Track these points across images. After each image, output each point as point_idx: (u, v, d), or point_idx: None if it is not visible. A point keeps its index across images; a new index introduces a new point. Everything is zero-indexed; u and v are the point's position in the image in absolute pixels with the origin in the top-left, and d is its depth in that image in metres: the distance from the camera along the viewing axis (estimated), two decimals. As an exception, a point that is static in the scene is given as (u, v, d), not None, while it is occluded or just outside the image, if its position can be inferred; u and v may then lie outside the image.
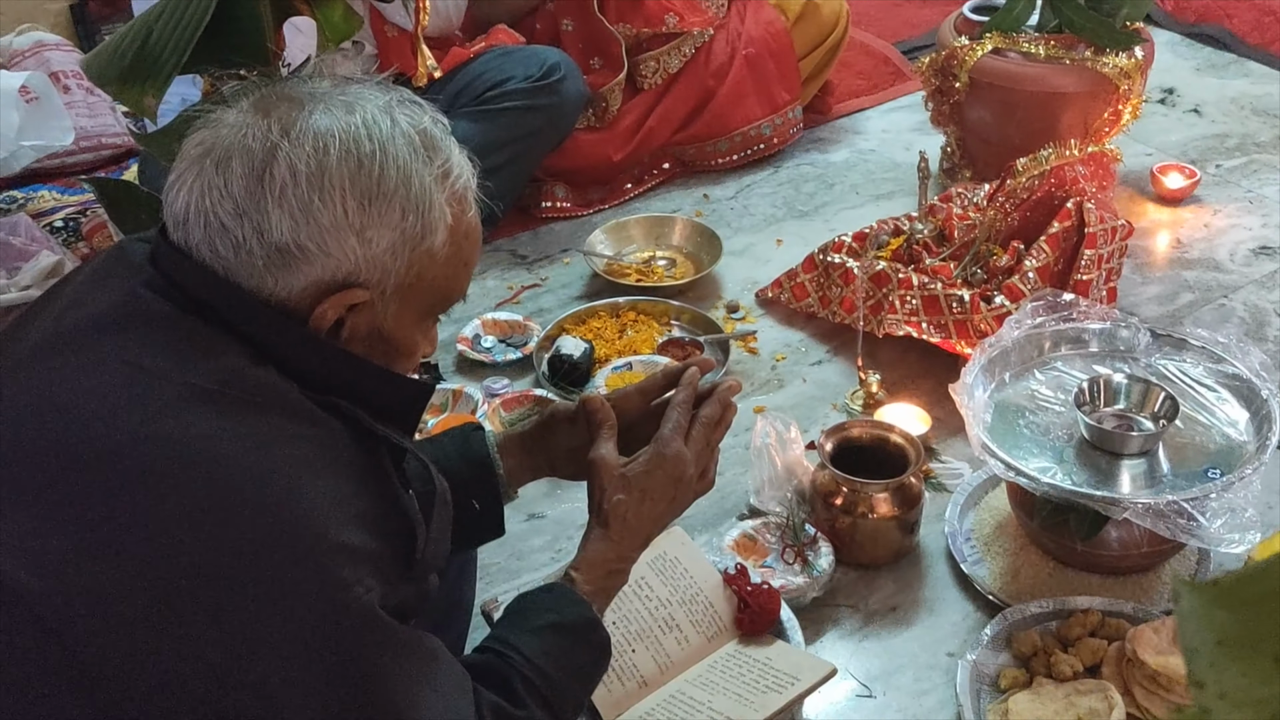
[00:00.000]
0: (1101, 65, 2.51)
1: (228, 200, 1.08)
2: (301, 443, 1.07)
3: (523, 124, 2.60)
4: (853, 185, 2.89)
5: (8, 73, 2.82)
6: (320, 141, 1.09)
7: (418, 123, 1.16)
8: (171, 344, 1.08)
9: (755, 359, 2.35)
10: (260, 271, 1.09)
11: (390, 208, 1.11)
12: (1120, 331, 1.87)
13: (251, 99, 1.14)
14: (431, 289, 1.17)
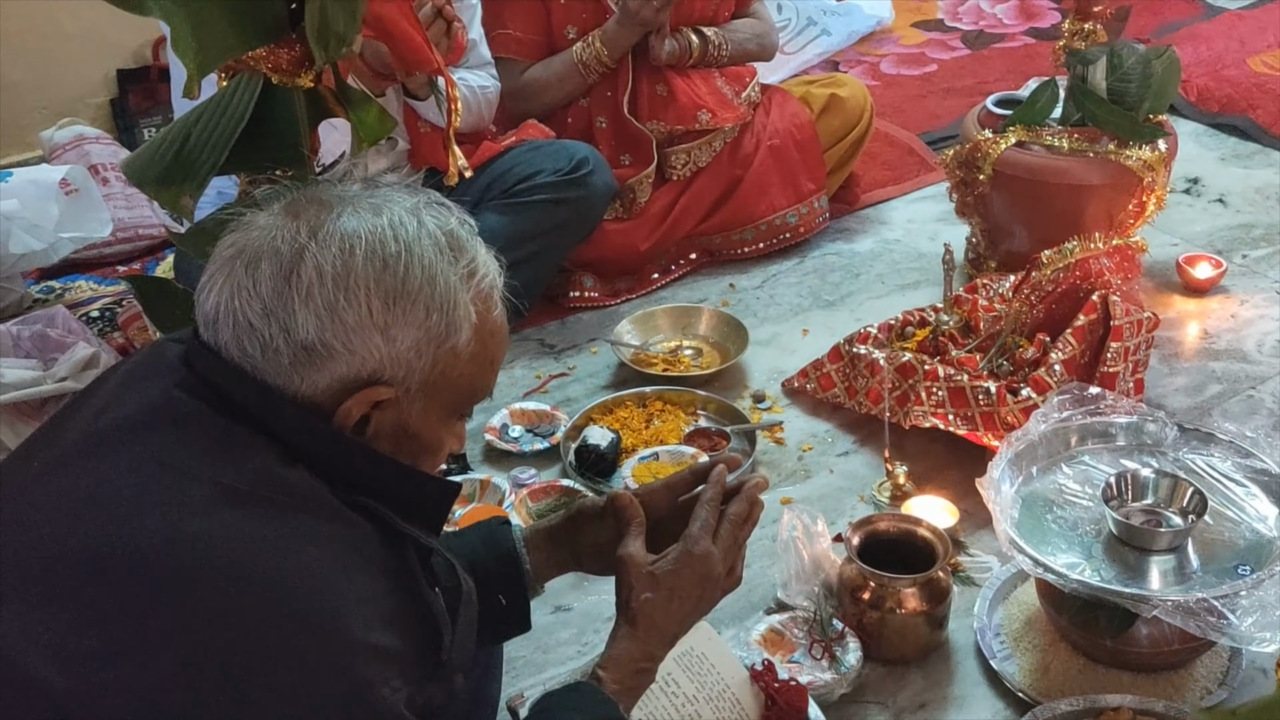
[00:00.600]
0: (1125, 158, 2.53)
1: (256, 300, 1.10)
2: (330, 543, 1.08)
3: (551, 217, 2.64)
4: (878, 275, 2.91)
5: (49, 166, 2.89)
6: (346, 243, 1.12)
7: (444, 224, 1.18)
8: (204, 444, 1.10)
9: (782, 449, 2.35)
10: (287, 370, 1.11)
11: (415, 307, 1.13)
12: (1147, 425, 1.87)
13: (283, 202, 1.17)
14: (456, 387, 1.19)
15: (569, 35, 2.84)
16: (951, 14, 4.43)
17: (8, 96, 3.34)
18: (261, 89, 1.53)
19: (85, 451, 1.11)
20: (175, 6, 1.36)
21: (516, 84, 2.84)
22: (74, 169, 2.82)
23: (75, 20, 3.27)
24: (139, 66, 3.48)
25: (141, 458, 1.09)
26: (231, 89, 1.52)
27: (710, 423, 2.40)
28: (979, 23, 4.36)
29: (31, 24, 3.29)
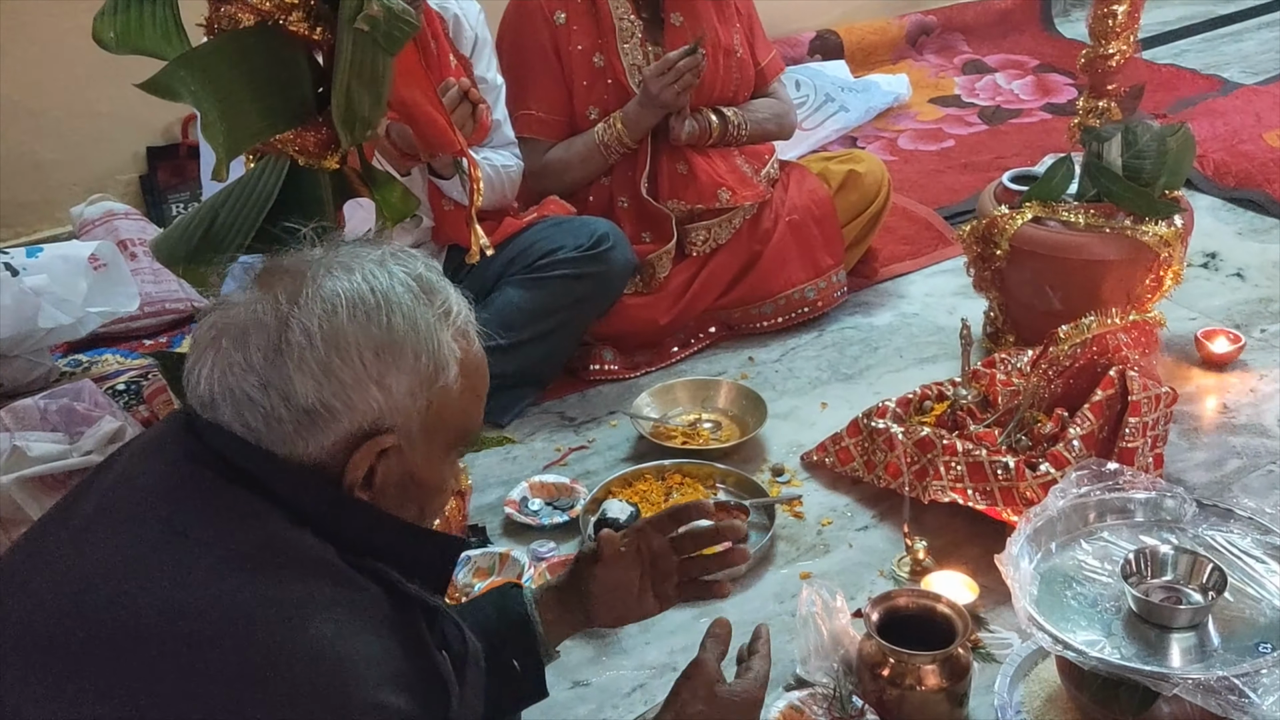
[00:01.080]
0: (1141, 233, 2.55)
1: (251, 374, 1.13)
2: (337, 606, 1.09)
3: (572, 291, 2.67)
4: (897, 348, 2.92)
5: (79, 242, 2.94)
6: (328, 303, 1.15)
7: (413, 270, 1.22)
8: (212, 512, 1.12)
9: (801, 523, 2.35)
10: (292, 436, 1.14)
11: (403, 352, 1.16)
12: (1166, 501, 1.87)
13: (253, 277, 1.20)
14: (452, 424, 1.23)
15: (591, 116, 2.89)
16: (968, 90, 4.49)
17: (41, 173, 3.40)
18: (288, 170, 1.58)
19: (98, 522, 1.14)
20: (206, 93, 1.40)
21: (539, 163, 2.89)
22: (103, 244, 2.87)
23: (107, 99, 3.33)
24: (168, 144, 3.54)
25: (151, 526, 1.11)
26: (259, 170, 1.56)
27: (729, 496, 2.41)
28: (995, 98, 4.41)
29: (64, 103, 3.36)
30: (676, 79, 2.73)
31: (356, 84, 1.52)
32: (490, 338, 2.69)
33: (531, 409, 2.74)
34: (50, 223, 3.43)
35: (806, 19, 4.63)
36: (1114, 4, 2.44)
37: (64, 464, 2.10)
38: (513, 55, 2.89)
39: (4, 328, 2.65)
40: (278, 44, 1.49)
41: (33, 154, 3.38)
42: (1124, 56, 2.49)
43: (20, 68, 3.28)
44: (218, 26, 1.48)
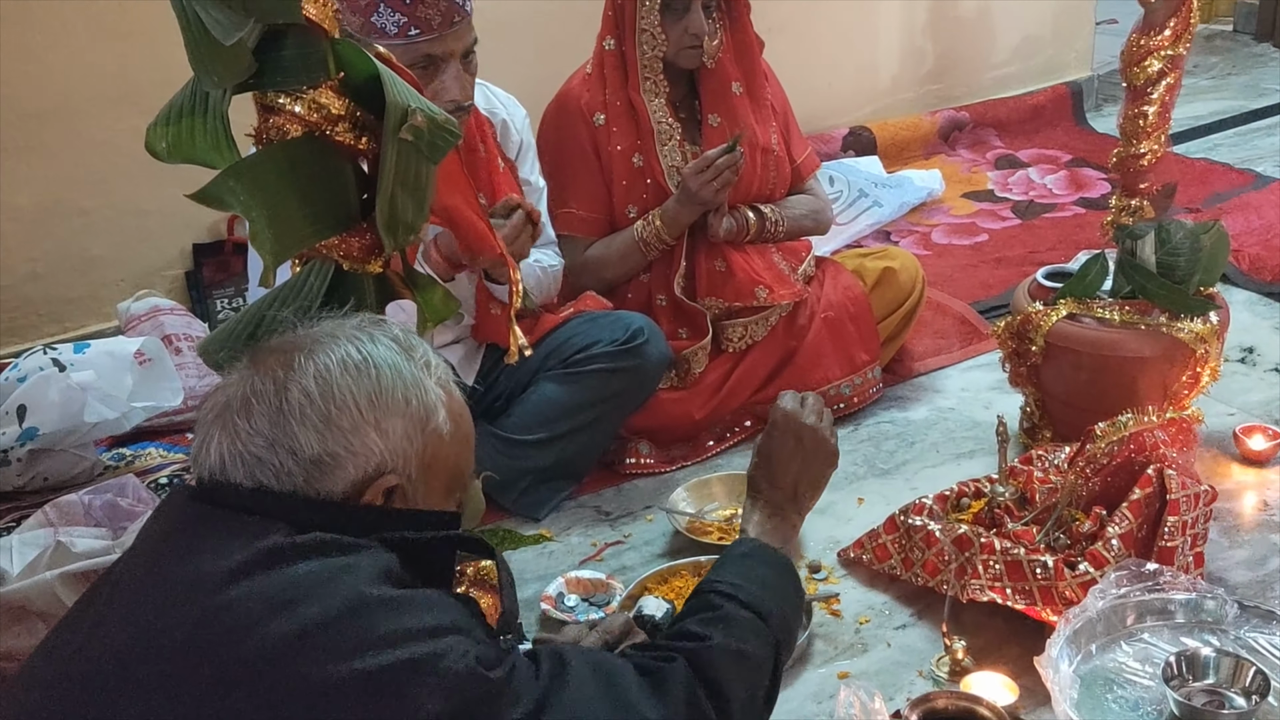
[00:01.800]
0: (1177, 330, 2.55)
1: (257, 437, 1.23)
2: (358, 569, 1.18)
3: (608, 386, 2.70)
4: (933, 444, 2.92)
5: (125, 338, 2.99)
6: (321, 364, 1.26)
7: (389, 332, 1.35)
8: (223, 537, 1.20)
9: (838, 621, 2.34)
10: (302, 487, 1.23)
11: (394, 398, 1.28)
12: (1206, 603, 1.86)
13: (244, 360, 1.31)
14: (446, 466, 1.34)
15: (630, 214, 2.94)
16: (1001, 185, 4.52)
17: (89, 270, 3.48)
18: (333, 273, 1.61)
19: (126, 578, 1.23)
20: (254, 202, 1.44)
21: (579, 260, 2.94)
22: (149, 340, 2.93)
23: (154, 198, 3.40)
24: (214, 240, 3.61)
25: (166, 564, 1.20)
26: (304, 274, 1.60)
27: (766, 594, 2.40)
28: (1029, 193, 4.44)
29: (113, 201, 3.44)
30: (715, 176, 2.77)
31: (400, 191, 1.56)
32: (528, 431, 2.71)
33: (568, 503, 2.75)
34: (98, 318, 3.50)
35: (840, 115, 4.69)
36: (1144, 105, 2.47)
37: (106, 560, 2.12)
38: (553, 154, 2.95)
39: (50, 423, 2.69)
40: (324, 154, 1.54)
41: (82, 250, 3.45)
42: (1155, 156, 2.51)
43: (71, 167, 3.37)
44: (266, 137, 1.53)
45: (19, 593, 2.08)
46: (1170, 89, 2.48)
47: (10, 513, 2.72)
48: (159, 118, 1.52)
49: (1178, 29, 2.41)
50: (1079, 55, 5.22)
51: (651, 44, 2.88)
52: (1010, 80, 5.10)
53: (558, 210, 2.92)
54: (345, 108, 1.54)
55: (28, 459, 2.72)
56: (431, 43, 2.38)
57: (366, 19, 2.37)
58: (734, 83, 2.98)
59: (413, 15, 2.36)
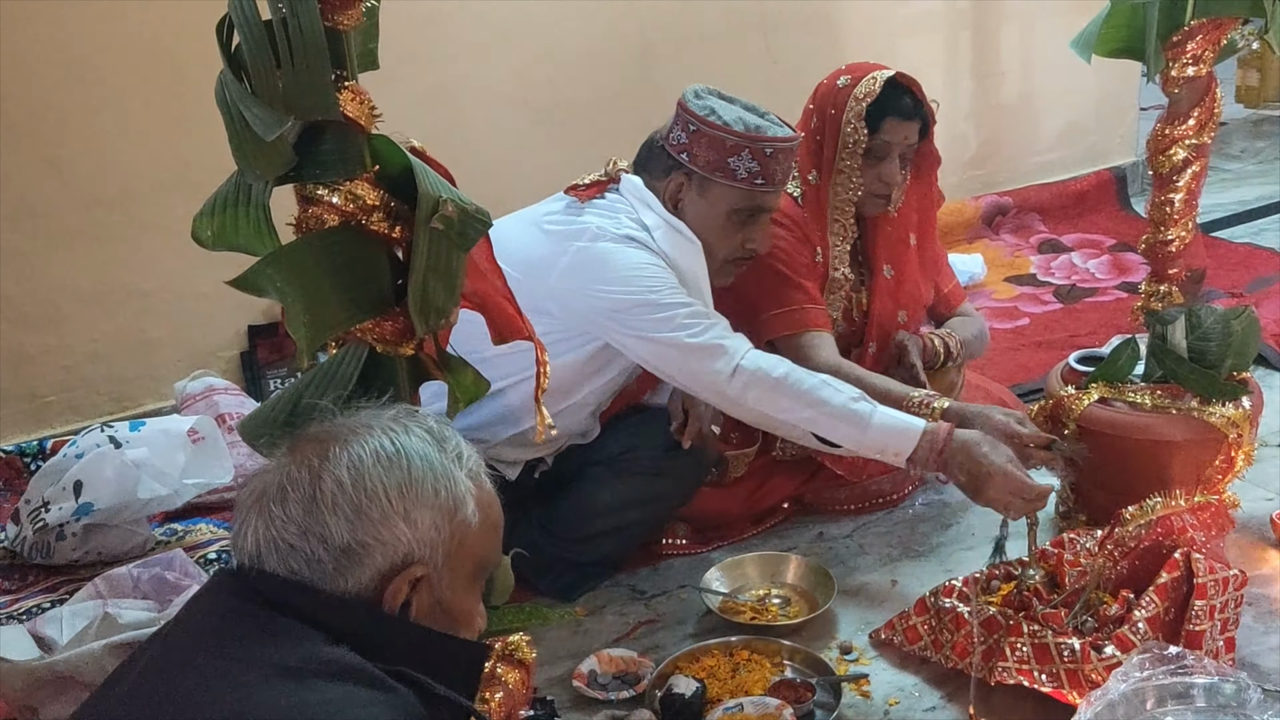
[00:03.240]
0: (1209, 415, 2.56)
1: (291, 524, 1.28)
2: (374, 706, 1.20)
3: (651, 488, 2.73)
4: (969, 527, 2.93)
5: (179, 417, 3.08)
6: (354, 455, 1.31)
7: (424, 424, 1.39)
8: (255, 634, 1.24)
9: (868, 703, 2.35)
10: (333, 575, 1.28)
11: (424, 489, 1.32)
12: (1226, 687, 1.86)
13: (284, 448, 1.36)
14: (473, 556, 1.38)
15: None
16: (1044, 269, 4.55)
17: (147, 350, 3.59)
18: (367, 356, 1.69)
19: (156, 664, 1.27)
20: (291, 288, 1.52)
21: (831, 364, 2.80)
22: (202, 419, 3.01)
23: (211, 281, 3.45)
24: (269, 322, 3.71)
25: (204, 655, 1.24)
26: (339, 357, 1.67)
27: (796, 674, 2.41)
28: (1071, 277, 4.47)
29: (171, 284, 3.56)
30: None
31: (432, 278, 1.63)
32: (573, 528, 2.74)
33: (604, 582, 2.78)
34: (155, 397, 3.60)
35: (884, 201, 4.75)
36: (1171, 192, 2.50)
37: (151, 631, 2.18)
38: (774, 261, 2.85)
39: (105, 498, 2.77)
40: (360, 242, 1.62)
41: (140, 332, 3.57)
42: (1183, 242, 2.54)
43: (131, 251, 3.49)
44: (305, 226, 1.61)
45: (66, 663, 2.14)
46: (1196, 176, 2.51)
47: (64, 586, 2.80)
48: (204, 208, 1.61)
49: (1202, 118, 2.46)
50: (1123, 140, 5.26)
51: (847, 187, 2.90)
52: (1054, 166, 5.14)
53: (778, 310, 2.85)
54: (380, 198, 1.62)
55: (83, 534, 2.80)
56: (767, 196, 2.58)
57: (724, 158, 2.52)
58: (910, 234, 3.04)
59: (765, 168, 2.54)
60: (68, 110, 3.33)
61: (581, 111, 4.06)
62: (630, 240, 2.51)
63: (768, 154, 2.53)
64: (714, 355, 2.44)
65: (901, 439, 2.44)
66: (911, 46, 4.68)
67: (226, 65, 1.53)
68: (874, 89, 2.83)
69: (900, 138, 2.87)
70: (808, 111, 2.96)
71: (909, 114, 2.86)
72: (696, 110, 2.55)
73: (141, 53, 3.39)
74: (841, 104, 2.86)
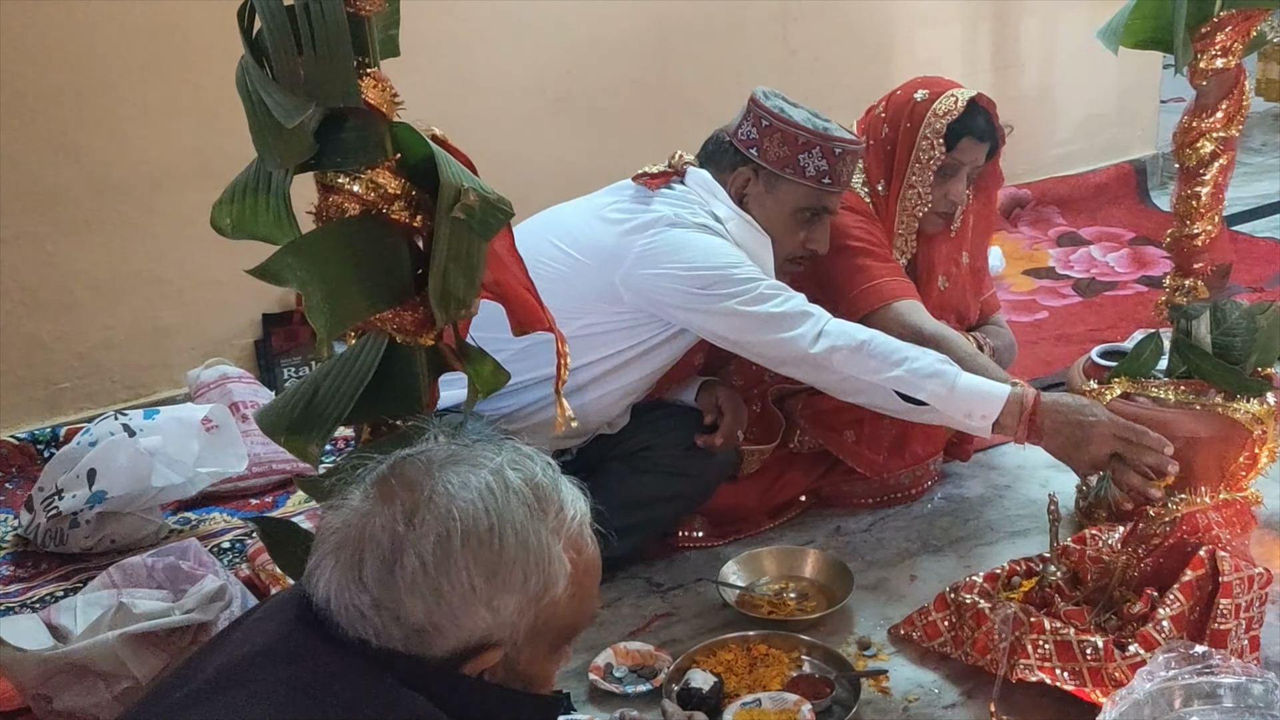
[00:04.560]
0: (1233, 410, 2.53)
1: (365, 594, 1.20)
2: None
3: (669, 486, 2.72)
4: (988, 522, 2.91)
5: (193, 405, 3.08)
6: (443, 526, 1.21)
7: (530, 476, 1.28)
8: (333, 671, 1.19)
9: (887, 699, 2.33)
10: (401, 648, 1.21)
11: (513, 574, 1.22)
12: (1254, 687, 1.83)
13: (373, 481, 1.27)
14: (559, 628, 1.29)
15: None
16: (1063, 262, 4.52)
17: (161, 338, 3.58)
18: (386, 346, 1.67)
19: (225, 683, 1.21)
20: (311, 278, 1.50)
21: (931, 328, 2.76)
22: (216, 407, 3.01)
23: (226, 269, 3.48)
24: (283, 311, 3.71)
25: (276, 684, 1.18)
26: (359, 347, 1.65)
27: (814, 669, 2.40)
28: (1090, 270, 4.44)
29: (185, 272, 3.55)
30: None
31: (453, 267, 1.62)
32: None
33: (619, 574, 2.77)
34: (168, 384, 3.60)
35: (901, 192, 4.73)
36: (1197, 186, 2.47)
37: (166, 622, 2.17)
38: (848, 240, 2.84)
39: (119, 486, 2.77)
40: (380, 231, 1.60)
41: (155, 319, 3.56)
42: (1209, 236, 2.50)
43: (147, 239, 3.49)
44: (326, 215, 1.59)
45: (81, 652, 2.14)
46: (1223, 170, 2.47)
47: (77, 575, 2.80)
48: (224, 195, 1.59)
49: (1230, 111, 2.42)
50: (1144, 133, 5.23)
51: (915, 202, 2.89)
52: (1073, 158, 5.11)
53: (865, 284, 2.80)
54: (401, 187, 1.60)
55: (96, 521, 2.80)
56: (831, 197, 2.62)
57: (794, 154, 2.56)
58: (965, 252, 3.03)
59: (833, 168, 2.58)
60: (84, 96, 3.32)
61: (600, 101, 4.04)
62: (705, 228, 2.54)
63: (836, 153, 2.57)
64: (798, 321, 2.46)
65: (986, 402, 2.43)
66: (930, 37, 4.65)
67: (248, 51, 1.51)
68: (955, 108, 2.83)
69: (973, 158, 2.88)
70: (877, 119, 2.93)
71: (984, 135, 2.87)
72: (769, 107, 2.59)
73: (160, 38, 3.38)
74: (919, 118, 2.84)
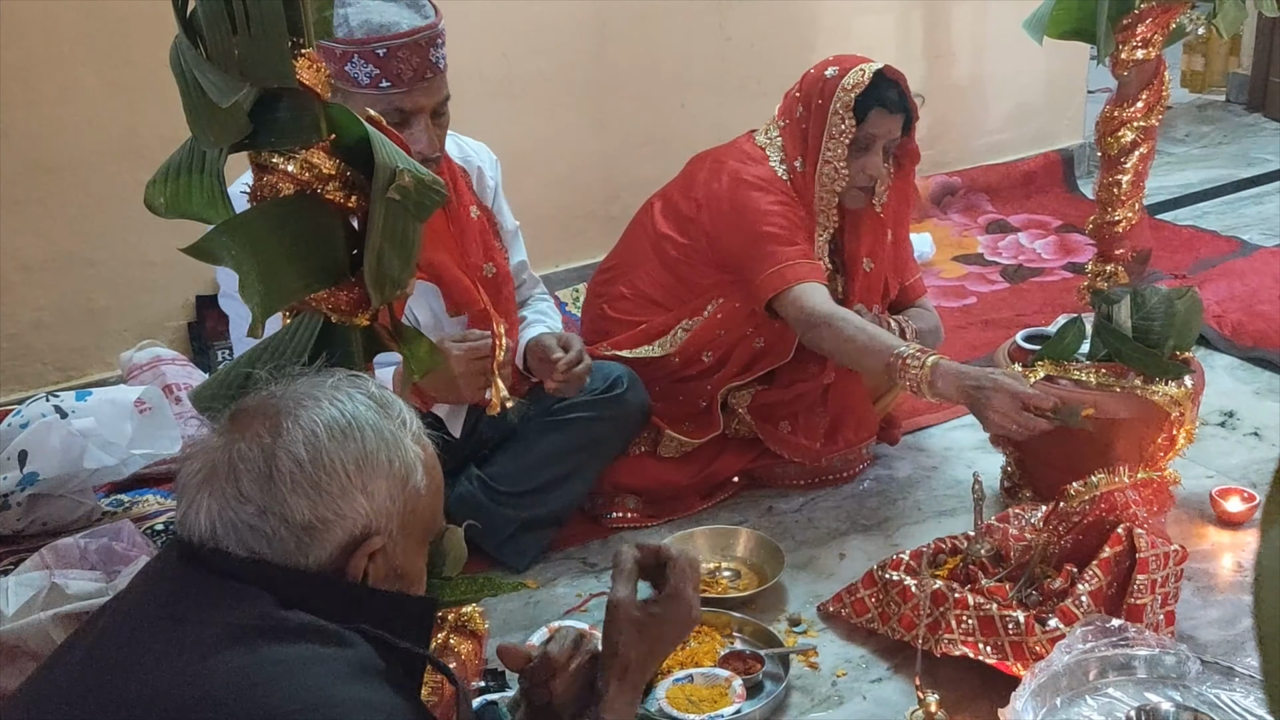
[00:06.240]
0: (1151, 393, 2.60)
1: (248, 505, 1.26)
2: (332, 662, 1.21)
3: (589, 433, 2.77)
4: (916, 501, 2.97)
5: (126, 386, 3.05)
6: (308, 430, 1.29)
7: (365, 389, 1.37)
8: (208, 597, 1.24)
9: (816, 674, 2.38)
10: (294, 552, 1.26)
11: (378, 460, 1.31)
12: (1166, 659, 1.90)
13: (225, 420, 1.33)
14: (423, 520, 1.38)
15: None
16: (991, 249, 4.60)
17: (94, 319, 3.54)
18: (322, 326, 1.68)
19: (108, 630, 1.26)
20: (245, 256, 1.51)
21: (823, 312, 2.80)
22: (149, 389, 2.99)
23: (159, 250, 3.46)
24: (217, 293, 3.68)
25: (152, 617, 1.24)
26: (294, 326, 1.66)
27: (745, 646, 2.44)
28: (1018, 257, 4.52)
29: (118, 253, 3.51)
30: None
31: (388, 248, 1.63)
32: (513, 482, 2.75)
33: (553, 554, 2.80)
34: (100, 366, 3.56)
35: (835, 179, 4.78)
36: (1119, 174, 2.54)
37: (99, 602, 2.17)
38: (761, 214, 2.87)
39: (51, 468, 2.75)
40: (315, 211, 1.61)
41: (87, 301, 3.52)
42: (1129, 223, 2.58)
43: (78, 219, 3.44)
44: (260, 194, 1.60)
45: (13, 633, 2.13)
46: (1144, 158, 2.55)
47: (8, 556, 2.77)
48: (158, 175, 1.59)
49: (1150, 100, 2.49)
50: (1071, 123, 5.31)
51: (833, 178, 2.89)
52: (1003, 147, 5.19)
53: (775, 266, 2.83)
54: (336, 168, 1.61)
55: (28, 504, 2.77)
56: (402, 96, 2.37)
57: (340, 67, 2.35)
58: (889, 230, 3.03)
59: (385, 68, 2.35)
60: (12, 75, 3.27)
61: (537, 86, 4.05)
62: None
63: (381, 55, 2.34)
64: None
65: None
66: (865, 25, 4.70)
67: (182, 30, 1.51)
68: (863, 80, 2.84)
69: (885, 130, 2.88)
70: (793, 99, 2.96)
71: (895, 107, 2.86)
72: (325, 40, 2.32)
73: (92, 16, 3.33)
74: (829, 94, 2.86)
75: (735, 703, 2.25)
